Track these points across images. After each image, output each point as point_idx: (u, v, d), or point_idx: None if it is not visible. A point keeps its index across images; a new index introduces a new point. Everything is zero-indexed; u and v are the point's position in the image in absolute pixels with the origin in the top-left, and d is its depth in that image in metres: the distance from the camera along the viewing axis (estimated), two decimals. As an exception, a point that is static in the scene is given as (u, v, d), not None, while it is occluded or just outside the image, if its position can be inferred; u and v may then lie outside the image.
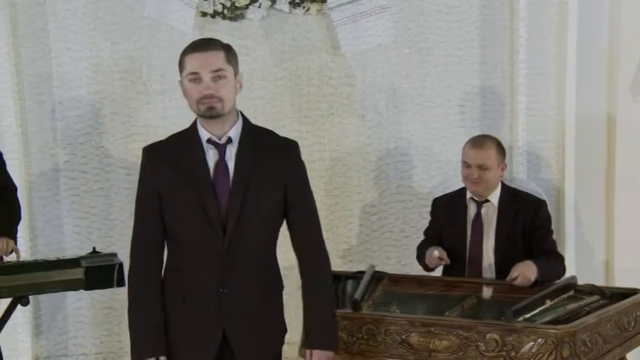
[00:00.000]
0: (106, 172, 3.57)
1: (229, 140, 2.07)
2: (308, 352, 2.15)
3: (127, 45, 3.49)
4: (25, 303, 2.46)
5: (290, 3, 3.48)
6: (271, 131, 2.19)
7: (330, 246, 2.26)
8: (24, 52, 3.42)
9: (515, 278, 2.64)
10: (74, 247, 3.56)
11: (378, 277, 2.85)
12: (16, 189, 2.95)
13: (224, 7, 3.47)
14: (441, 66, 3.59)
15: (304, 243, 2.17)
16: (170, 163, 2.06)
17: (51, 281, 2.46)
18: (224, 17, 3.50)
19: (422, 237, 3.65)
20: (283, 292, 2.21)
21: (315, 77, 3.59)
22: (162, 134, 3.48)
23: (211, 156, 2.06)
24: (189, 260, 2.06)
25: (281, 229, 2.18)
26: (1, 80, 3.32)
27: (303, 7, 3.50)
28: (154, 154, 2.10)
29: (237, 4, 3.47)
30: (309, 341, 2.15)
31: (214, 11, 3.47)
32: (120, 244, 3.51)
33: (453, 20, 3.55)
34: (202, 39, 2.15)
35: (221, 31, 3.50)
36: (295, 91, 3.59)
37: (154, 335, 2.04)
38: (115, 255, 2.67)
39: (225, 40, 3.50)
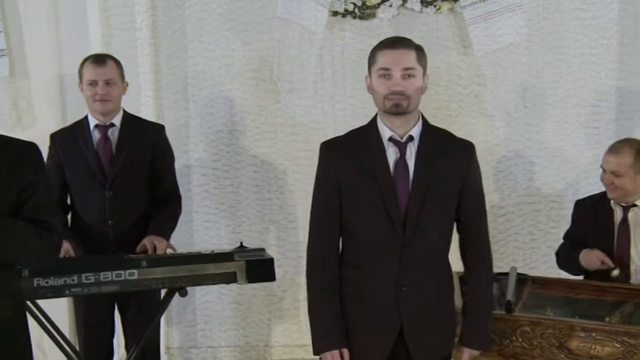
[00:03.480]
0: (235, 169, 3.65)
1: (410, 139, 2.09)
2: (465, 350, 2.16)
3: (258, 44, 3.56)
4: (184, 294, 2.53)
5: (421, 2, 3.46)
6: (448, 131, 2.21)
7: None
8: (162, 52, 3.54)
9: None
10: (203, 242, 3.65)
11: (520, 279, 2.80)
12: (180, 198, 3.03)
13: (355, 6, 3.49)
14: (575, 65, 3.50)
15: (472, 244, 2.18)
16: (351, 159, 2.09)
17: (207, 274, 2.52)
18: (354, 16, 3.52)
19: (549, 240, 3.61)
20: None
21: (444, 76, 3.56)
22: (289, 133, 3.63)
23: (391, 154, 2.08)
24: (367, 256, 2.08)
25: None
26: (142, 80, 3.44)
27: (435, 6, 3.48)
28: (334, 149, 2.14)
29: (368, 3, 3.48)
30: (467, 340, 2.16)
31: (345, 10, 3.50)
32: (247, 241, 3.58)
33: (590, 17, 3.45)
34: (396, 37, 2.17)
35: (351, 30, 3.55)
36: (423, 90, 3.56)
37: (336, 328, 2.08)
38: (263, 250, 2.72)
39: (354, 39, 3.59)
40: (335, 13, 3.50)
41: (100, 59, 2.83)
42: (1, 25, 3.22)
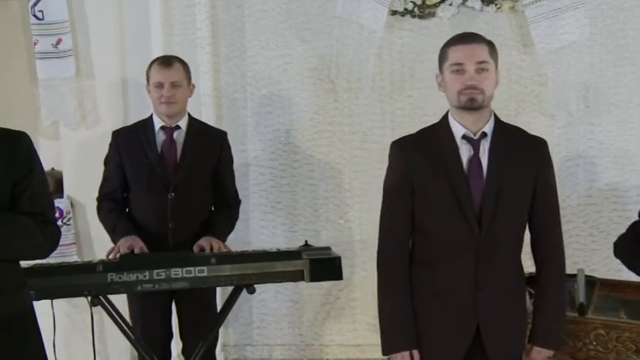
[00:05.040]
0: (292, 168, 3.66)
1: (483, 135, 2.07)
2: (537, 349, 2.13)
3: (317, 43, 3.56)
4: (252, 291, 2.54)
5: (482, 0, 3.43)
6: (520, 128, 2.18)
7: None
8: (222, 51, 3.57)
9: None
10: (259, 241, 3.66)
11: (588, 281, 2.75)
12: (239, 203, 3.05)
13: (415, 5, 3.47)
14: (641, 64, 3.43)
15: (545, 243, 2.15)
16: (423, 157, 2.08)
17: (275, 271, 2.53)
18: (413, 15, 3.50)
19: (610, 242, 3.50)
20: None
21: (505, 76, 3.48)
22: (346, 132, 3.63)
23: (464, 151, 2.07)
24: (442, 255, 2.07)
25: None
26: (202, 79, 3.46)
27: (496, 5, 3.44)
28: (406, 147, 2.13)
29: (427, 2, 3.46)
30: (539, 339, 2.12)
31: (405, 9, 3.48)
32: (303, 240, 3.60)
33: (658, 15, 3.38)
34: (466, 32, 2.17)
35: (410, 29, 3.53)
36: (483, 89, 3.52)
37: (406, 328, 2.07)
38: (329, 248, 2.72)
39: (413, 39, 3.57)
40: (394, 12, 3.48)
41: (166, 61, 2.82)
42: (69, 26, 3.28)
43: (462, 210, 2.02)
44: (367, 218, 3.64)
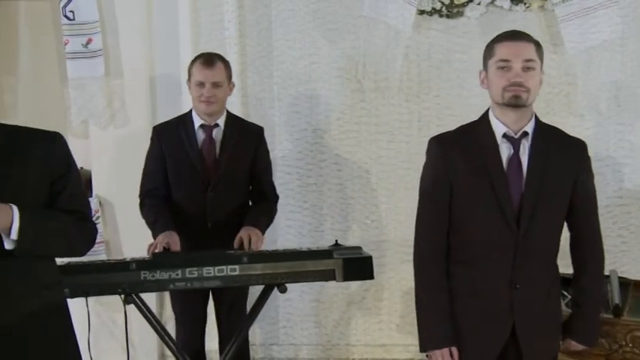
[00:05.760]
0: (319, 167, 3.65)
1: (524, 135, 2.05)
2: (573, 343, 2.14)
3: (344, 43, 3.55)
4: (283, 290, 2.54)
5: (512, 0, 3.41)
6: (559, 129, 2.18)
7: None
8: (249, 51, 3.57)
9: None
10: (286, 241, 3.67)
11: (621, 282, 2.72)
12: (277, 199, 3.06)
13: (443, 4, 3.45)
14: (673, 63, 3.38)
15: (585, 243, 2.14)
16: (463, 154, 2.06)
17: (306, 271, 2.53)
18: (441, 15, 3.48)
19: (635, 239, 3.50)
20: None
21: (533, 75, 3.48)
22: (373, 132, 3.62)
23: (504, 150, 2.05)
24: (479, 253, 2.05)
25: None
26: (230, 78, 3.46)
27: (525, 4, 3.41)
28: (446, 144, 2.11)
29: (456, 2, 3.44)
30: (577, 336, 2.14)
31: (432, 9, 3.46)
32: (329, 240, 3.59)
33: (692, 12, 3.33)
34: (514, 30, 2.15)
35: (437, 29, 3.51)
36: (511, 89, 3.49)
37: (445, 325, 2.06)
38: (360, 248, 2.71)
39: (441, 38, 3.55)
40: (422, 12, 3.46)
41: (209, 61, 2.81)
42: (99, 26, 3.30)
43: (501, 209, 2.00)
44: (394, 218, 3.63)
